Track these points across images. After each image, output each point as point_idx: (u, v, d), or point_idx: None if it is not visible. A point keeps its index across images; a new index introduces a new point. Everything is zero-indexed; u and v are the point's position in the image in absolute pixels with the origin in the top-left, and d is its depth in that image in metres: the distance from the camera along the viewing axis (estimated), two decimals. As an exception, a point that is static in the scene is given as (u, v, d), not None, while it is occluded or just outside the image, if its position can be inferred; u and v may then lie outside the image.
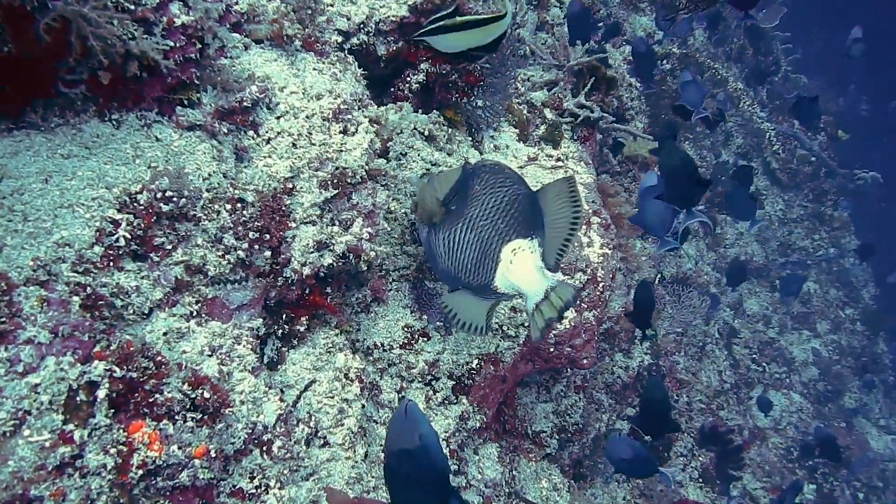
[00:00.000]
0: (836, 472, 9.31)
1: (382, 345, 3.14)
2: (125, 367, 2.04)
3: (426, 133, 3.32)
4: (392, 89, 3.45)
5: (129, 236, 2.18)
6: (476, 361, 3.30)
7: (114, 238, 2.16)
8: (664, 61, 8.08)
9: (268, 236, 2.44)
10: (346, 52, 3.15)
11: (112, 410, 2.01)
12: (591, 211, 3.96)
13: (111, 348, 2.05)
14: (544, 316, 2.47)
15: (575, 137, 4.41)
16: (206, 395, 2.20)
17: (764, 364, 9.79)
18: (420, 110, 3.54)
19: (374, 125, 2.89)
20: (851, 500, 9.48)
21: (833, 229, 12.20)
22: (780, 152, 9.50)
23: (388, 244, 3.27)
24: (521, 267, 2.52)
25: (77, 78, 2.26)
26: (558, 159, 4.15)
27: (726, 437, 6.90)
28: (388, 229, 3.23)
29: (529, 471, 4.09)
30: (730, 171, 8.40)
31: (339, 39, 3.08)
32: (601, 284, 3.76)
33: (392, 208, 3.20)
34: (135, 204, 2.21)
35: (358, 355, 3.00)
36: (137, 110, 2.38)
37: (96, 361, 1.99)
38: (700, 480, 6.97)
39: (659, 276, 7.33)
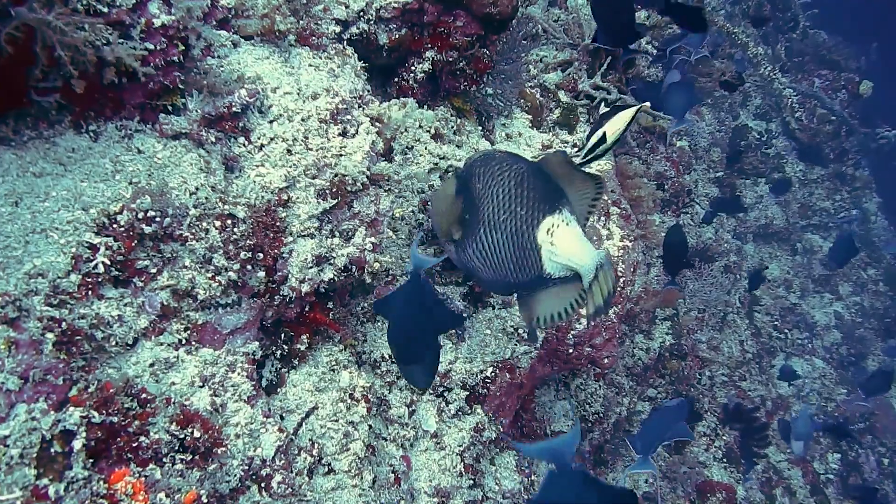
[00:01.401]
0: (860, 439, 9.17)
1: (390, 356, 2.96)
2: (105, 411, 1.87)
3: (432, 131, 3.10)
4: (396, 79, 3.23)
5: (108, 261, 2.01)
6: (491, 369, 3.12)
7: (92, 264, 1.99)
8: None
9: (261, 255, 2.25)
10: (344, 43, 2.93)
11: (91, 460, 1.84)
12: (609, 201, 3.75)
13: (89, 390, 1.87)
14: (594, 299, 2.25)
15: (591, 121, 4.19)
16: (197, 433, 2.03)
17: (786, 331, 9.60)
18: (427, 101, 3.33)
19: (376, 124, 2.69)
20: (877, 466, 9.32)
21: (854, 189, 11.94)
22: (802, 118, 9.22)
23: (397, 246, 3.08)
24: (564, 243, 2.28)
25: (51, 85, 2.07)
26: (574, 145, 3.93)
27: (751, 414, 6.72)
28: (394, 237, 3.04)
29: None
30: None
31: (338, 30, 2.86)
32: (622, 280, 3.57)
33: (397, 214, 3.00)
34: (115, 225, 2.03)
35: (364, 370, 2.83)
36: (117, 119, 2.20)
37: (72, 407, 1.82)
38: (724, 460, 6.80)
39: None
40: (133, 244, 2.05)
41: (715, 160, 9.13)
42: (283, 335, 2.51)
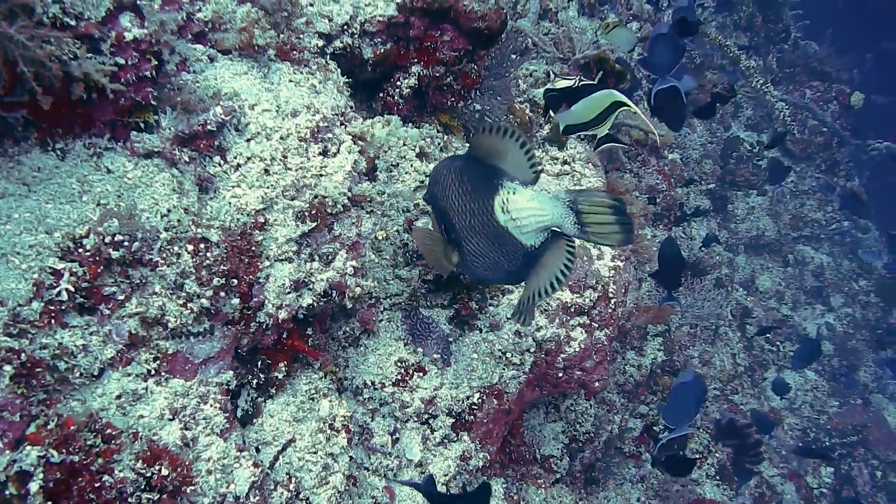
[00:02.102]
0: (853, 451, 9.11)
1: (373, 383, 2.85)
2: (65, 450, 1.76)
3: (417, 150, 3.00)
4: (381, 95, 3.13)
5: (73, 288, 1.90)
6: (477, 395, 3.01)
7: (55, 291, 1.89)
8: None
9: (235, 281, 2.14)
10: (327, 57, 2.83)
11: (49, 503, 1.73)
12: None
13: (48, 427, 1.77)
14: (598, 230, 2.15)
15: (582, 137, 4.10)
16: (165, 470, 1.93)
17: (778, 343, 9.54)
18: (414, 116, 3.23)
19: (359, 142, 2.59)
20: (870, 479, 9.26)
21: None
22: (795, 132, 9.16)
23: (381, 267, 2.98)
24: (520, 211, 2.20)
25: (17, 100, 1.97)
26: (564, 162, 3.84)
27: (744, 430, 6.63)
28: (377, 260, 2.94)
29: (539, 499, 3.81)
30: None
31: (320, 44, 2.77)
32: (613, 301, 3.47)
33: (380, 235, 2.90)
34: (80, 250, 1.93)
35: (345, 397, 2.73)
36: (86, 137, 2.10)
37: (29, 446, 1.71)
38: (717, 478, 6.70)
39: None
40: (99, 270, 1.95)
41: (706, 172, 9.07)
42: (259, 363, 2.40)
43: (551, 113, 2.99)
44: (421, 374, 2.92)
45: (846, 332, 10.56)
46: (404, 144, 2.96)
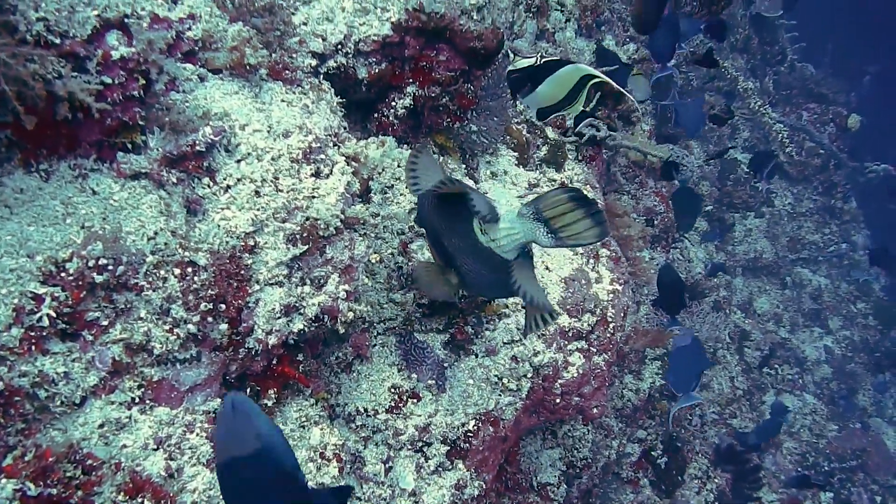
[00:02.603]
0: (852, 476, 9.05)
1: (366, 410, 2.77)
2: (42, 482, 1.70)
3: (412, 171, 2.95)
4: (376, 115, 3.08)
5: (54, 314, 1.84)
6: (473, 422, 2.94)
7: (36, 316, 1.83)
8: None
9: (224, 306, 2.08)
10: (321, 76, 2.78)
11: (26, 538, 1.66)
12: (599, 243, 3.59)
13: (26, 459, 1.70)
14: (570, 232, 2.07)
15: (580, 158, 4.05)
16: (148, 503, 1.85)
17: (776, 366, 9.49)
18: (409, 137, 3.18)
19: (353, 164, 2.54)
20: None
21: (843, 222, 11.88)
22: (793, 154, 9.14)
23: (374, 290, 2.92)
24: (497, 232, 2.19)
25: (1, 120, 1.91)
26: (562, 183, 3.79)
27: (743, 455, 6.55)
28: (370, 283, 2.87)
29: (535, 529, 3.74)
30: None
31: (314, 63, 2.71)
32: (612, 325, 3.41)
33: (373, 259, 2.84)
34: (63, 274, 1.87)
35: (337, 424, 2.66)
36: (71, 158, 2.04)
37: (4, 479, 1.65)
38: (716, 504, 6.63)
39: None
40: (82, 294, 1.89)
41: (704, 194, 9.04)
42: (248, 390, 2.33)
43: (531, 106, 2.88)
44: (415, 400, 2.85)
45: (844, 354, 10.50)
46: (399, 166, 2.91)
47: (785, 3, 10.47)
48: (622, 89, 3.06)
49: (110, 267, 1.92)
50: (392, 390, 2.83)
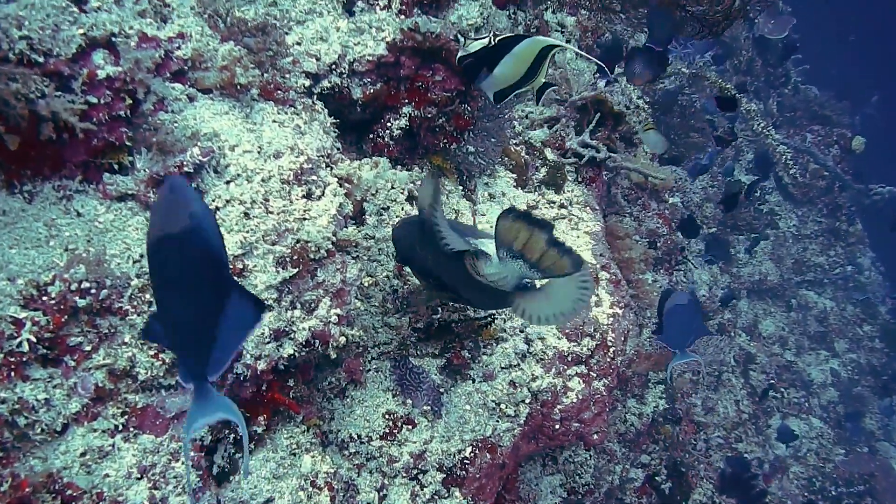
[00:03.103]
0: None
1: (360, 436, 2.71)
2: (19, 514, 1.64)
3: (406, 194, 2.90)
4: (371, 136, 3.03)
5: (35, 339, 1.79)
6: (470, 449, 2.87)
7: (16, 342, 1.78)
8: (672, 79, 7.69)
9: (210, 330, 2.02)
10: (315, 97, 2.74)
11: (0, 572, 1.60)
12: (598, 266, 3.54)
13: (1, 489, 1.64)
14: (547, 265, 2.02)
15: (579, 179, 4.00)
16: (130, 535, 1.80)
17: (782, 389, 9.41)
18: (405, 158, 3.14)
19: (346, 185, 2.49)
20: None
21: (848, 244, 11.83)
22: (797, 176, 9.09)
23: (368, 314, 2.86)
24: (489, 276, 2.14)
25: (-16, 141, 1.88)
26: (561, 205, 3.74)
27: (749, 482, 6.46)
28: (364, 307, 2.82)
29: (535, 557, 3.65)
30: None
31: (307, 83, 2.67)
32: (612, 350, 3.34)
33: (365, 283, 2.78)
34: (45, 298, 1.82)
35: (330, 452, 2.59)
36: (56, 179, 2.00)
37: (-21, 511, 1.58)
38: (721, 531, 6.54)
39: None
40: (64, 319, 1.84)
41: (707, 216, 9.00)
42: (237, 417, 2.27)
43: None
44: (410, 426, 2.78)
45: (851, 378, 10.42)
46: (392, 188, 2.85)
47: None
48: (584, 54, 2.97)
49: (93, 290, 1.87)
50: (386, 416, 2.76)
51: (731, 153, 10.16)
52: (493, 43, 2.65)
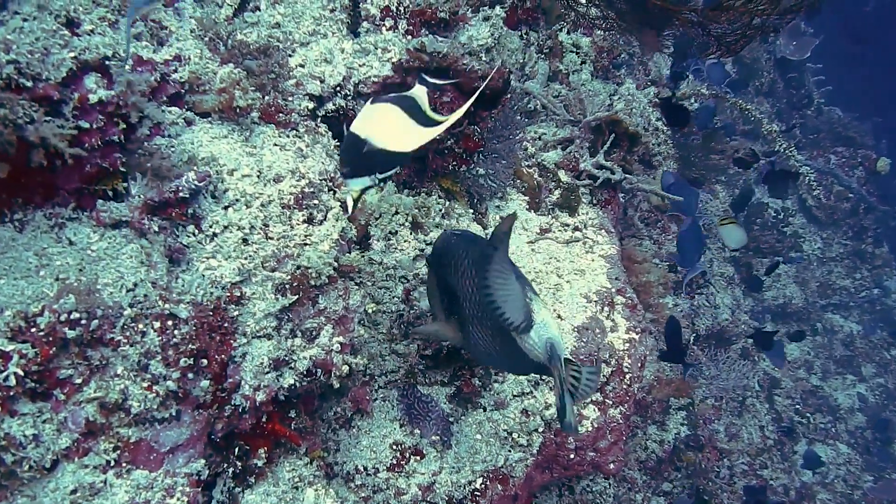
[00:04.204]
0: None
1: (366, 468, 2.62)
2: (1, 556, 1.57)
3: (409, 220, 2.82)
4: (378, 159, 2.97)
5: (22, 372, 1.72)
6: (480, 480, 2.78)
7: (2, 376, 1.71)
8: (692, 100, 7.61)
9: (205, 361, 1.96)
10: (318, 119, 2.69)
11: None
12: (614, 290, 3.45)
13: (-15, 530, 1.57)
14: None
15: (594, 202, 3.91)
16: (120, 577, 1.72)
17: (808, 415, 9.26)
18: (414, 181, 3.07)
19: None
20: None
21: (875, 267, 11.66)
22: (821, 197, 8.97)
23: (376, 341, 2.79)
24: (525, 340, 2.02)
25: (-27, 169, 1.83)
26: (575, 228, 3.65)
27: (773, 510, 6.31)
28: (370, 334, 2.74)
29: (551, 593, 3.55)
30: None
31: (311, 106, 2.62)
32: (628, 376, 3.25)
33: (369, 310, 2.70)
34: (33, 329, 1.76)
35: (336, 484, 2.51)
36: (48, 207, 1.94)
37: (-41, 554, 1.52)
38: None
39: (693, 335, 6.81)
40: (53, 351, 1.78)
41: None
42: (237, 449, 2.19)
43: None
44: (418, 457, 2.69)
45: (879, 402, 10.23)
46: (396, 213, 2.78)
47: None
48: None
49: (83, 321, 1.81)
50: (394, 447, 2.68)
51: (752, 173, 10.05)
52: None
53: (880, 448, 9.65)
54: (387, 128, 2.09)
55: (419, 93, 2.25)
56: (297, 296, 2.12)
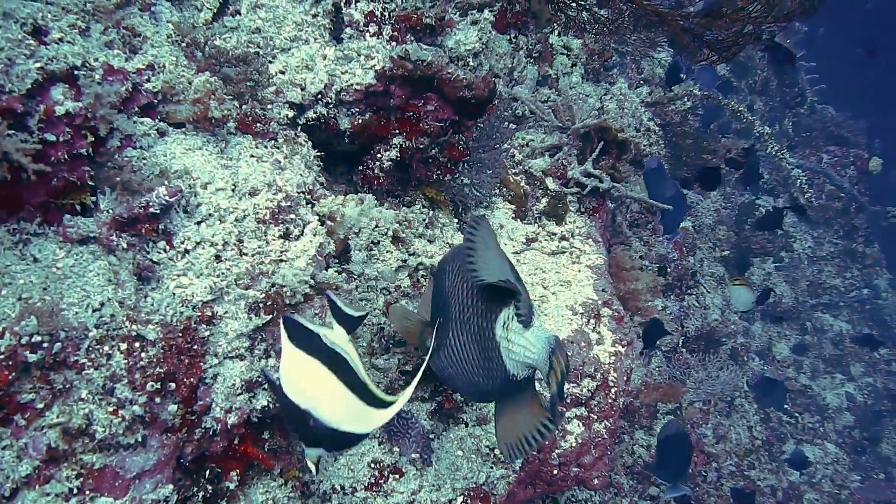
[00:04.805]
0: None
1: (343, 487, 2.56)
2: None
3: (390, 234, 2.74)
4: (361, 167, 2.89)
5: (-20, 398, 1.65)
6: (461, 499, 2.72)
7: (-40, 401, 1.64)
8: (685, 100, 7.56)
9: (173, 384, 1.89)
10: (298, 129, 2.61)
11: None
12: (600, 302, 3.39)
13: (-64, 567, 1.51)
14: (551, 389, 1.85)
15: (582, 210, 3.85)
16: None
17: (797, 414, 9.25)
18: (397, 190, 3.00)
19: (328, 222, 2.36)
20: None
21: (865, 267, 11.66)
22: (812, 200, 8.92)
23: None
24: (516, 337, 1.90)
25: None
26: (562, 237, 3.59)
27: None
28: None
29: None
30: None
31: (291, 114, 2.55)
32: (614, 390, 3.19)
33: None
34: (-7, 352, 1.68)
35: (311, 504, 2.45)
36: (12, 222, 1.86)
37: None
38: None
39: (683, 338, 6.77)
40: (12, 375, 1.71)
41: (721, 238, 8.85)
42: (208, 472, 2.12)
43: None
44: (397, 476, 2.63)
45: (867, 402, 10.23)
46: (376, 227, 2.71)
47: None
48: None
49: (45, 344, 1.74)
50: (372, 465, 2.62)
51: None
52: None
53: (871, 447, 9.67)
54: (329, 401, 1.76)
55: (342, 341, 1.84)
56: (271, 315, 2.06)
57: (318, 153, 2.53)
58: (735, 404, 7.87)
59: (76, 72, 1.89)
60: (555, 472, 3.08)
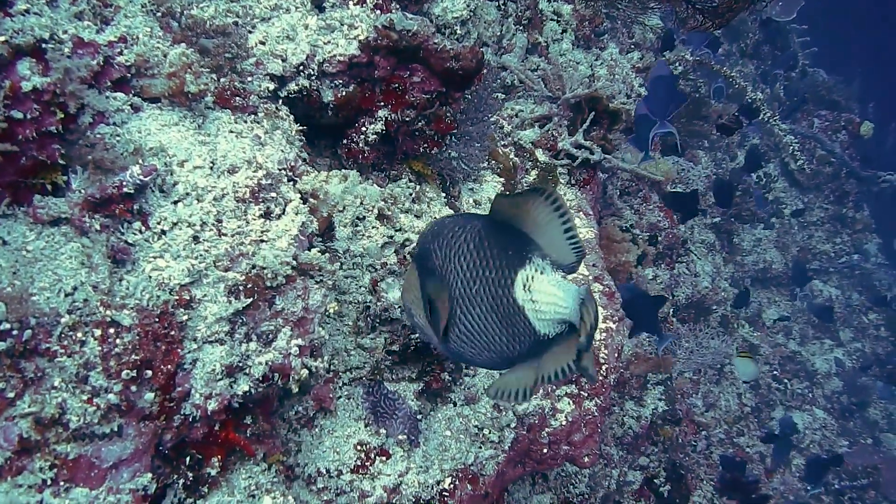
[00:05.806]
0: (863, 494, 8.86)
1: (328, 470, 2.50)
2: None
3: (375, 212, 2.67)
4: (345, 141, 2.81)
5: (-54, 389, 1.59)
6: (449, 480, 2.67)
7: (-75, 392, 1.57)
8: (677, 65, 7.47)
9: (150, 372, 1.83)
10: (280, 101, 2.53)
11: None
12: (591, 277, 3.33)
13: None
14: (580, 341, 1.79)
15: (573, 182, 3.77)
16: None
17: (786, 381, 9.26)
18: (383, 164, 2.92)
19: (311, 200, 2.29)
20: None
21: (855, 232, 11.64)
22: (805, 168, 8.87)
23: (341, 335, 2.66)
24: (544, 295, 1.83)
25: None
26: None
27: (750, 486, 6.28)
28: (337, 327, 2.62)
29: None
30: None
31: (272, 87, 2.47)
32: (605, 367, 3.14)
33: (330, 310, 2.56)
34: (-41, 341, 1.61)
35: (296, 487, 2.40)
36: (-21, 203, 1.78)
37: None
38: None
39: (672, 308, 6.74)
40: (-21, 365, 1.64)
41: (711, 205, 8.80)
42: (188, 459, 2.06)
43: None
44: (384, 458, 2.58)
45: (855, 367, 10.25)
46: (361, 204, 2.63)
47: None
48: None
49: (15, 331, 1.67)
50: (358, 447, 2.56)
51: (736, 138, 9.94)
52: None
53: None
54: None
55: None
56: (251, 298, 1.99)
57: (301, 127, 2.45)
58: (724, 372, 7.87)
59: (44, 45, 1.81)
60: (545, 450, 3.03)
